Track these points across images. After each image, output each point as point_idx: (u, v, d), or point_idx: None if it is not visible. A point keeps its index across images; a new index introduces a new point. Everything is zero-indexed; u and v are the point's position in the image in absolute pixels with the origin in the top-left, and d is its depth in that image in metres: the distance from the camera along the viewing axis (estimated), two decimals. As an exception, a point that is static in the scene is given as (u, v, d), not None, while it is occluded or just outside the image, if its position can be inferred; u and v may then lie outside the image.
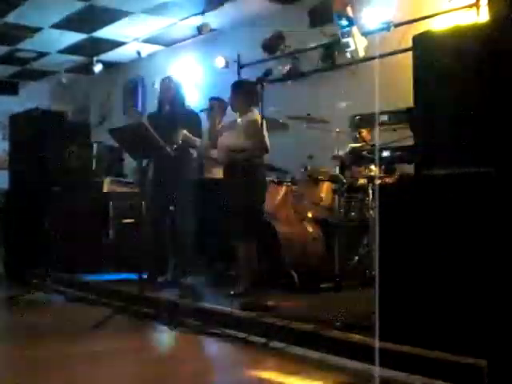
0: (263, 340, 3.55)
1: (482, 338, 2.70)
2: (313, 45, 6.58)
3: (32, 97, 10.89)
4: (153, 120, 5.09)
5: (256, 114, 4.64)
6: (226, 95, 5.77)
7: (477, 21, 5.07)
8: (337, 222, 5.20)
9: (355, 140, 5.84)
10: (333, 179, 5.40)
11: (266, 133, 4.59)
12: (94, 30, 8.54)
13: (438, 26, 5.31)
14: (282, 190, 5.67)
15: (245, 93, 4.79)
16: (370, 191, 5.12)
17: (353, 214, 5.44)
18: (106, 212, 6.41)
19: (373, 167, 5.27)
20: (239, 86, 4.91)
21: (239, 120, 4.79)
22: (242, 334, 3.70)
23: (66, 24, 8.26)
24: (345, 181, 5.34)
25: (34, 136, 6.66)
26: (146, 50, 9.34)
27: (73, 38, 8.91)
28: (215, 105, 5.37)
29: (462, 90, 3.03)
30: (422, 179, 3.18)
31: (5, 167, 7.26)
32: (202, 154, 5.80)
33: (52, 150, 6.60)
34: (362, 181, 5.41)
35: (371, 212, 5.10)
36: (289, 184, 5.68)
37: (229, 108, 5.08)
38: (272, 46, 6.79)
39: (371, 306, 3.12)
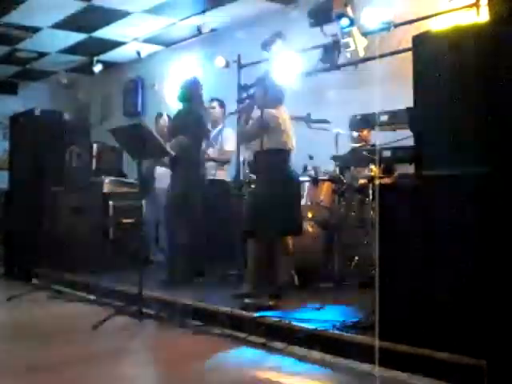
0: (263, 340, 3.55)
1: (481, 338, 2.70)
2: (313, 45, 6.57)
3: (32, 97, 10.89)
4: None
5: (273, 111, 4.58)
6: (226, 95, 5.79)
7: (477, 21, 5.06)
8: (337, 222, 5.20)
9: (355, 140, 5.84)
10: (333, 179, 5.40)
11: (287, 130, 4.61)
12: (94, 29, 8.54)
13: (438, 25, 5.31)
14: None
15: (266, 89, 4.67)
16: (370, 191, 5.12)
17: (353, 214, 5.44)
18: (106, 212, 6.41)
19: (373, 167, 5.27)
20: (257, 83, 4.82)
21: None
22: (242, 334, 3.70)
23: (66, 24, 8.26)
24: (345, 181, 5.34)
25: (34, 136, 6.66)
26: (146, 50, 9.33)
27: (73, 38, 8.91)
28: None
29: (461, 90, 3.03)
30: (421, 179, 3.18)
31: (5, 167, 7.26)
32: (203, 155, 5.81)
33: (52, 150, 6.60)
34: (361, 181, 5.42)
35: (371, 212, 5.10)
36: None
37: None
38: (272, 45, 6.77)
39: (371, 305, 3.12)
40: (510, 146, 2.76)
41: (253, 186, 5.34)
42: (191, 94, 5.33)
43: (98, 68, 9.90)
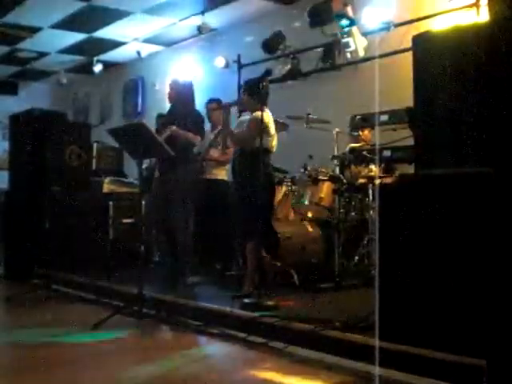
0: (263, 340, 3.55)
1: (481, 337, 2.70)
2: (313, 45, 6.58)
3: (32, 97, 10.90)
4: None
5: (259, 113, 4.54)
6: (226, 95, 5.77)
7: (477, 21, 5.06)
8: (337, 221, 5.20)
9: (355, 140, 5.84)
10: (333, 179, 5.40)
11: (271, 132, 4.58)
12: (94, 29, 8.55)
13: (438, 25, 5.31)
14: (282, 190, 5.67)
15: (250, 91, 4.68)
16: (370, 191, 5.12)
17: (353, 214, 5.44)
18: (106, 212, 6.40)
19: (373, 167, 5.28)
20: (245, 85, 4.86)
21: (245, 118, 4.77)
22: (242, 334, 3.70)
23: (66, 24, 8.27)
24: (345, 181, 5.34)
25: (34, 136, 6.65)
26: (146, 49, 9.35)
27: (73, 37, 8.92)
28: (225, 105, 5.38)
29: (461, 90, 3.03)
30: (421, 179, 3.18)
31: (5, 167, 7.26)
32: (202, 155, 5.81)
33: (52, 150, 6.60)
34: (361, 181, 5.42)
35: (371, 212, 5.10)
36: (289, 184, 5.68)
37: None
38: (272, 45, 6.79)
39: (371, 305, 3.12)
40: (510, 145, 2.76)
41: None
42: (188, 96, 5.32)
43: (98, 68, 9.92)
